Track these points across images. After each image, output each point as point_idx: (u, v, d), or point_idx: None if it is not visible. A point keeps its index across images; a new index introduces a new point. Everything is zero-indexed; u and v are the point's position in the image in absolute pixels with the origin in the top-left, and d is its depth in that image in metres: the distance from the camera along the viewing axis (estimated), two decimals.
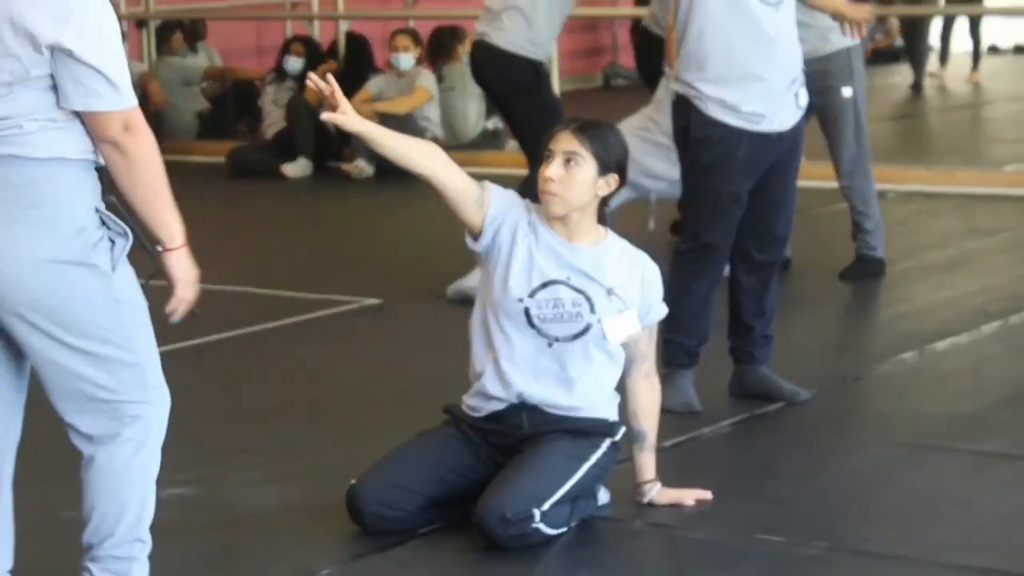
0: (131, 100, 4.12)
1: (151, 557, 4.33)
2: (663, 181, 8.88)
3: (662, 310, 5.39)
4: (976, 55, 18.40)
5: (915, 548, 5.14)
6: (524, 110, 8.94)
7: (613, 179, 5.21)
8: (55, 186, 4.08)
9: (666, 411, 6.29)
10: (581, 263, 5.20)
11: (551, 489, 5.07)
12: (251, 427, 6.14)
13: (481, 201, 5.20)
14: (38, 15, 4.03)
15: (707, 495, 5.41)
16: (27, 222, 4.06)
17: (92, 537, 4.26)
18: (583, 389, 5.22)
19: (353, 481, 5.22)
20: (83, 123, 4.09)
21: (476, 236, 5.20)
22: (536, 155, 6.59)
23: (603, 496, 5.40)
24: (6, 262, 4.06)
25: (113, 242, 4.16)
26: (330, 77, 4.97)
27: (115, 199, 7.10)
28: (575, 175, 5.14)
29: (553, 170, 5.14)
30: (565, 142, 5.17)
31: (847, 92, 8.69)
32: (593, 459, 5.20)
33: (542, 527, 5.06)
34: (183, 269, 4.23)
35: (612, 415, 5.34)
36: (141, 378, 4.22)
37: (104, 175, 4.16)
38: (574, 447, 5.18)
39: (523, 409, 5.21)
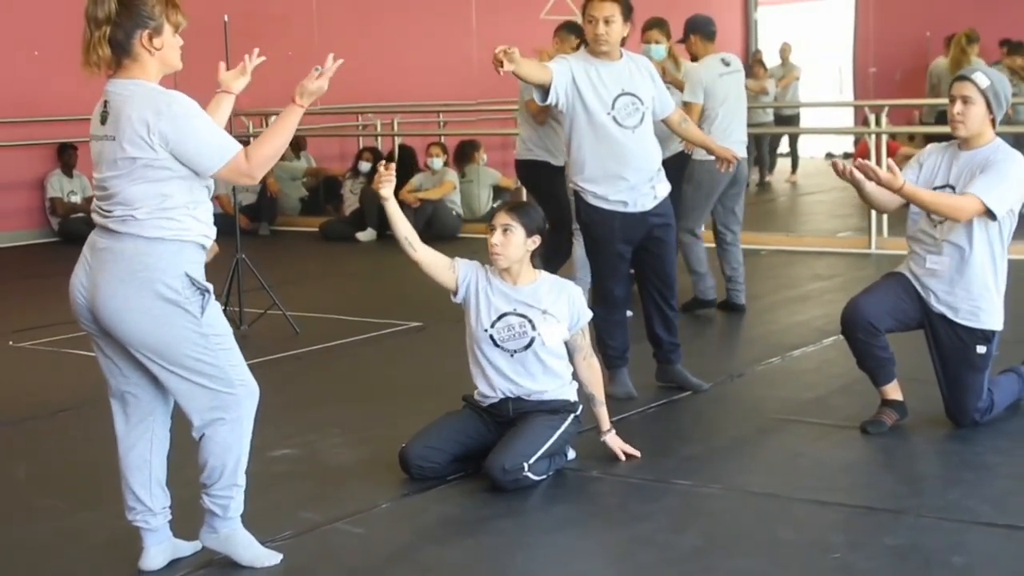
0: (226, 157, 4.07)
1: (257, 497, 4.29)
2: None
3: (588, 315, 5.41)
4: (795, 161, 18.04)
5: (781, 488, 5.11)
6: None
7: (537, 239, 5.26)
8: (156, 257, 4.02)
9: (612, 397, 6.30)
10: (522, 297, 5.28)
11: (534, 449, 5.11)
12: (335, 408, 6.10)
13: (453, 269, 5.32)
14: (133, 117, 3.98)
15: (637, 453, 5.41)
16: (136, 283, 4.02)
17: (206, 480, 4.25)
18: (543, 379, 5.28)
19: (403, 445, 5.24)
20: (176, 211, 4.04)
21: (455, 293, 5.33)
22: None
23: (571, 454, 5.40)
24: (121, 311, 4.04)
25: (202, 294, 4.09)
26: (391, 167, 5.07)
27: (244, 256, 6.93)
28: (510, 239, 5.21)
29: (495, 238, 5.22)
30: (502, 218, 5.25)
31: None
32: (562, 428, 5.23)
33: (530, 475, 5.08)
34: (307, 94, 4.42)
35: (572, 396, 5.37)
36: (227, 383, 4.17)
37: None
38: (548, 420, 5.22)
39: (508, 400, 5.27)
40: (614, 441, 5.42)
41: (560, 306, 5.30)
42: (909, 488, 5.20)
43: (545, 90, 6.01)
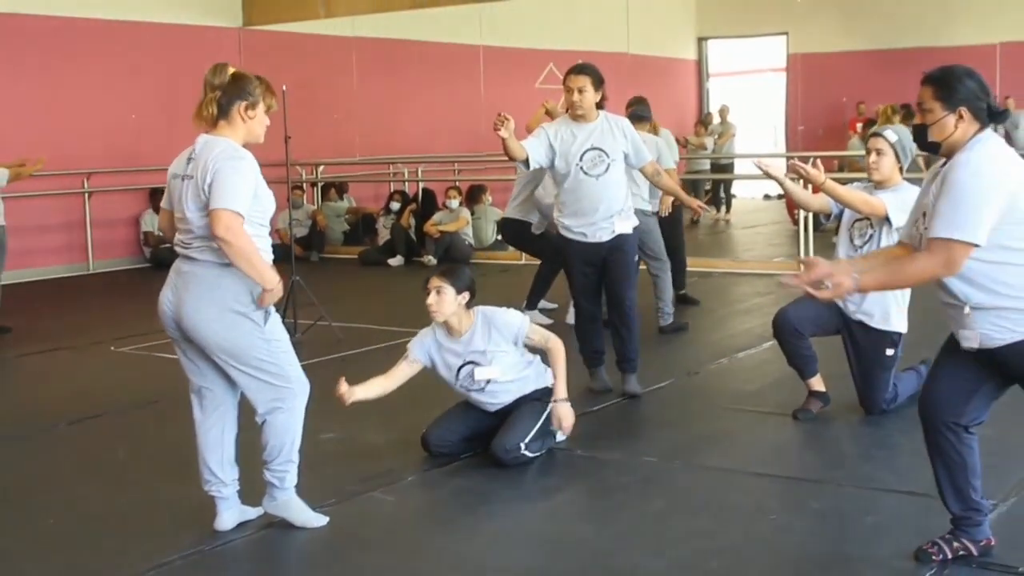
0: (227, 206, 3.93)
1: (308, 471, 4.28)
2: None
3: (523, 323, 5.16)
4: (728, 202, 17.59)
5: (729, 463, 5.10)
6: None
7: (466, 294, 5.06)
8: (228, 279, 4.04)
9: (592, 390, 6.29)
10: (467, 348, 5.12)
11: (527, 432, 5.06)
12: (371, 400, 6.08)
13: (412, 362, 5.18)
14: (207, 163, 3.99)
15: (567, 431, 5.21)
16: (212, 299, 4.05)
17: (267, 457, 4.26)
18: (516, 390, 5.14)
19: (424, 430, 5.21)
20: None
21: (426, 367, 5.20)
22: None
23: (560, 436, 5.35)
24: (202, 322, 4.06)
25: (265, 308, 4.12)
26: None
27: (298, 278, 6.90)
28: (443, 298, 5.02)
29: (431, 299, 5.04)
30: (434, 282, 5.04)
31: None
32: (546, 411, 5.15)
33: (527, 453, 5.04)
34: (271, 296, 4.05)
35: (550, 382, 5.24)
36: (286, 379, 4.18)
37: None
38: (535, 406, 5.15)
39: (500, 411, 5.17)
40: (558, 409, 5.15)
41: (495, 339, 5.12)
42: (831, 462, 5.19)
43: (524, 161, 6.09)
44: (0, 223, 8.91)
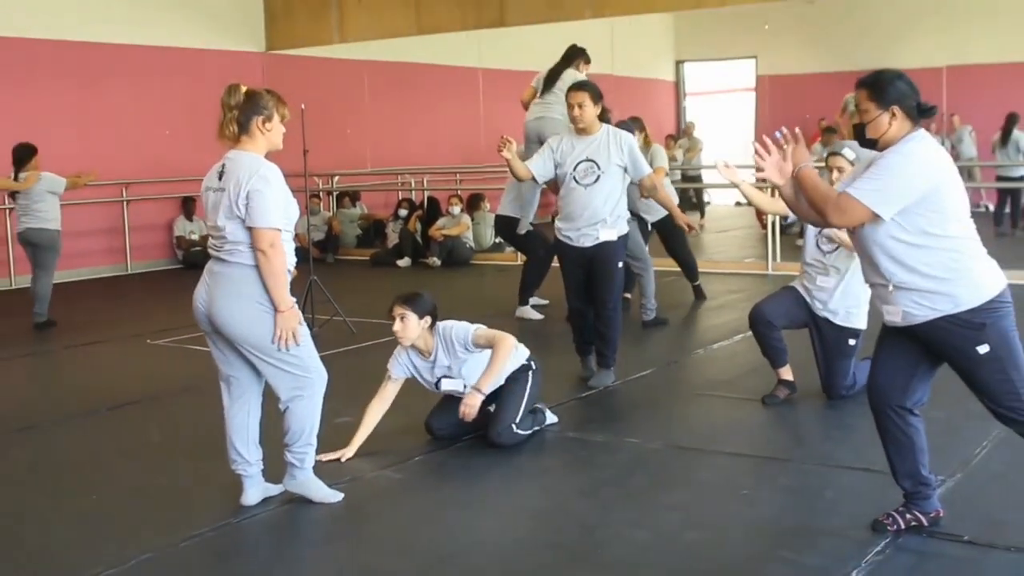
0: (265, 224, 3.95)
1: (325, 452, 4.27)
2: None
3: (468, 331, 4.97)
4: (702, 209, 17.46)
5: (704, 443, 5.09)
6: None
7: (428, 319, 4.93)
8: (251, 279, 4.04)
9: (581, 377, 6.28)
10: (434, 365, 5.01)
11: (516, 411, 5.03)
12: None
13: (395, 381, 5.05)
14: (240, 180, 3.99)
15: (468, 418, 4.99)
16: (242, 297, 4.04)
17: (288, 440, 4.26)
18: (490, 382, 5.00)
19: (428, 415, 5.20)
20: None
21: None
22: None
23: (553, 418, 5.34)
24: (232, 317, 4.06)
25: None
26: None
27: (316, 278, 6.90)
28: (407, 324, 4.90)
29: (396, 326, 4.91)
30: (397, 310, 4.91)
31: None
32: (528, 386, 5.09)
33: (520, 432, 5.03)
34: (285, 320, 4.03)
35: (522, 359, 5.13)
36: (306, 369, 4.17)
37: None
38: (515, 386, 5.07)
39: (490, 394, 5.07)
40: (467, 396, 4.95)
41: (454, 351, 4.97)
42: (796, 443, 5.20)
43: (532, 178, 6.14)
44: (56, 228, 8.98)
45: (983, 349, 3.46)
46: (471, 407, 4.96)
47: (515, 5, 12.46)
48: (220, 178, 4.06)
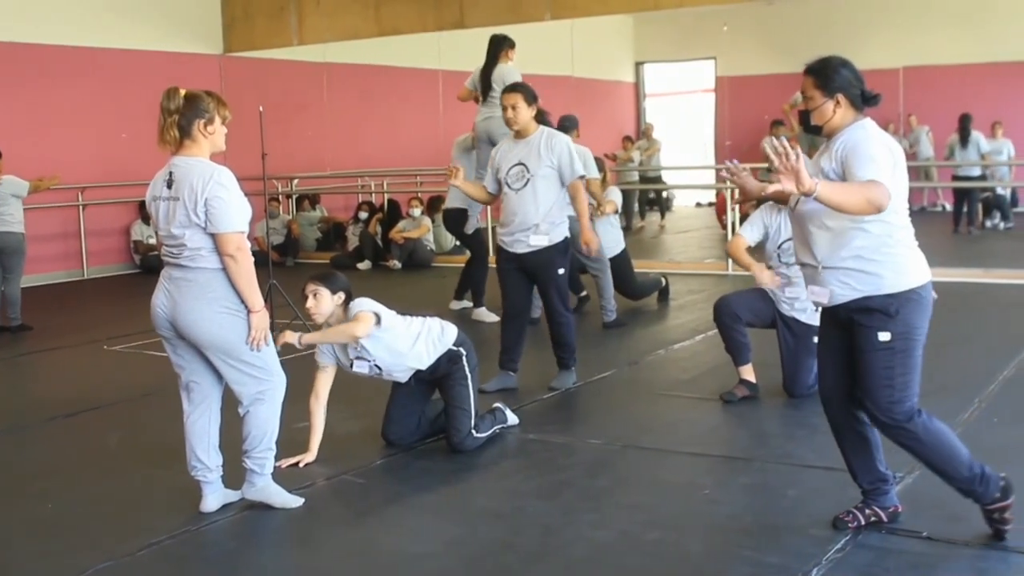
0: (230, 229, 3.95)
1: (280, 456, 4.24)
2: None
3: (355, 308, 4.82)
4: (663, 211, 17.66)
5: (665, 444, 5.11)
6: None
7: (342, 295, 4.83)
8: (216, 283, 4.02)
9: (540, 378, 6.27)
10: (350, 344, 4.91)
11: (468, 416, 5.01)
12: (343, 391, 5.97)
13: (322, 365, 4.96)
14: (195, 187, 3.96)
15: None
16: (206, 301, 4.03)
17: (247, 446, 4.23)
18: (408, 363, 4.97)
19: (383, 426, 5.17)
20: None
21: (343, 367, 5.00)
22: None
23: (514, 419, 5.34)
24: (198, 322, 4.04)
25: None
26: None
27: (275, 282, 6.86)
28: (320, 300, 4.80)
29: (309, 302, 4.81)
30: (310, 287, 4.80)
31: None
32: (468, 379, 5.04)
33: (480, 436, 5.04)
34: (259, 319, 4.04)
35: (446, 346, 5.04)
36: (269, 373, 4.16)
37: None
38: (457, 386, 5.01)
39: (426, 380, 5.04)
40: (282, 335, 4.74)
41: (355, 331, 4.81)
42: (757, 442, 5.22)
43: (490, 196, 6.10)
44: (21, 231, 9.01)
45: (884, 336, 3.47)
46: (280, 342, 4.61)
47: (475, 7, 12.47)
48: (169, 186, 4.03)
